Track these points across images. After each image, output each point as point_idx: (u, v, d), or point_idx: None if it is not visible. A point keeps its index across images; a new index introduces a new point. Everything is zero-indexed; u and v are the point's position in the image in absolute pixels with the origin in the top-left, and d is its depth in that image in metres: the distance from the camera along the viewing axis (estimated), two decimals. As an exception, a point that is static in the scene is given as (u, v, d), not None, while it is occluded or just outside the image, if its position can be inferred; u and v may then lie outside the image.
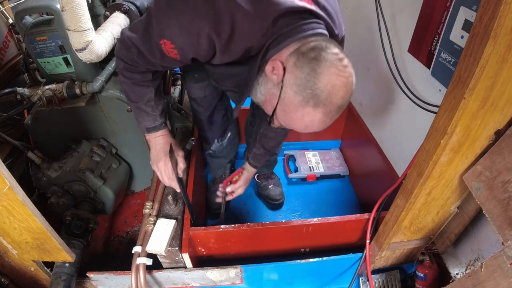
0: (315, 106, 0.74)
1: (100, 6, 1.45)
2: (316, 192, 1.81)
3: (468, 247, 1.04)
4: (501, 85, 0.66)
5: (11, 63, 1.73)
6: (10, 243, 1.01)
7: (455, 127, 0.73)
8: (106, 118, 1.45)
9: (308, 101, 0.74)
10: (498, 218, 0.75)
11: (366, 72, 1.60)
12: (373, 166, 1.60)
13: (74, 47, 1.15)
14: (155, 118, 1.07)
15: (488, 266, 0.77)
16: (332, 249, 1.28)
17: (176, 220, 1.15)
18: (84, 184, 1.37)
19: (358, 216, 1.21)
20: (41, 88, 1.31)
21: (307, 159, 1.91)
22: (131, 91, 1.01)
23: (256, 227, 1.18)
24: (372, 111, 1.61)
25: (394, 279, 1.26)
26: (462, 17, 0.90)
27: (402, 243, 1.11)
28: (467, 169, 0.83)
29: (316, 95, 0.73)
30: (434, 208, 0.97)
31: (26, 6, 1.21)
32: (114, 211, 1.60)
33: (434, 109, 1.05)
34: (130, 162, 1.64)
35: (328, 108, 0.74)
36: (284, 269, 1.19)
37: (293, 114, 0.78)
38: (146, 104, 1.03)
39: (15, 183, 0.84)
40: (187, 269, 1.15)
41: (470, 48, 0.64)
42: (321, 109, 0.74)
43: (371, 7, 1.32)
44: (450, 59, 0.96)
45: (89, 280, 1.14)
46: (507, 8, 0.56)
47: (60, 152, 1.44)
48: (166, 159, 1.10)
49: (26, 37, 1.24)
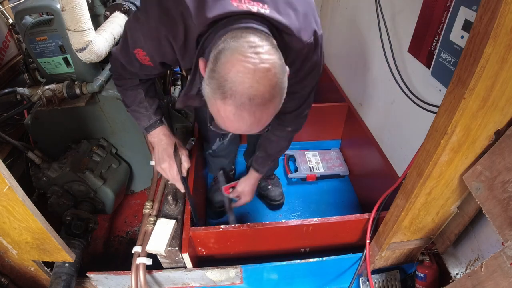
0: (223, 97, 0.67)
1: (100, 6, 1.45)
2: (316, 192, 1.81)
3: (468, 247, 1.04)
4: (501, 85, 0.66)
5: (11, 63, 1.73)
6: (10, 243, 1.01)
7: (455, 127, 0.72)
8: (106, 118, 1.45)
9: (215, 92, 0.68)
10: (498, 218, 0.75)
11: (366, 72, 1.60)
12: (373, 166, 1.60)
13: (74, 47, 1.16)
14: (149, 116, 1.10)
15: (488, 266, 0.77)
16: (332, 249, 1.28)
17: (176, 220, 1.15)
18: (84, 184, 1.37)
19: (358, 216, 1.21)
20: (41, 88, 1.31)
21: (307, 159, 1.91)
22: (124, 96, 1.09)
23: (256, 227, 1.18)
24: (372, 111, 1.61)
25: (394, 279, 1.26)
26: (462, 17, 0.90)
27: (402, 243, 1.11)
28: (467, 169, 0.83)
29: (221, 85, 0.67)
30: (434, 208, 0.97)
31: (26, 6, 1.21)
32: (114, 211, 1.60)
33: (434, 109, 1.05)
34: (130, 162, 1.64)
35: (238, 99, 0.66)
36: (284, 269, 1.19)
37: (212, 110, 0.73)
38: (139, 105, 1.08)
39: (15, 183, 0.84)
40: (187, 269, 1.15)
41: (470, 48, 0.64)
42: (229, 100, 0.67)
43: (371, 7, 1.32)
44: (450, 59, 0.96)
45: (89, 280, 1.14)
46: (507, 8, 0.56)
47: (60, 152, 1.44)
48: (171, 160, 1.10)
49: (26, 37, 1.24)
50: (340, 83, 2.00)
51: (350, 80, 1.87)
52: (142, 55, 0.89)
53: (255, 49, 0.67)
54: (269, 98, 0.68)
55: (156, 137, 1.12)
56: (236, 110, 0.68)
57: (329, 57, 2.20)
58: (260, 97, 0.67)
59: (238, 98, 0.66)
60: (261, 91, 0.67)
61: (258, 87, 0.66)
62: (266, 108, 0.69)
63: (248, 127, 0.72)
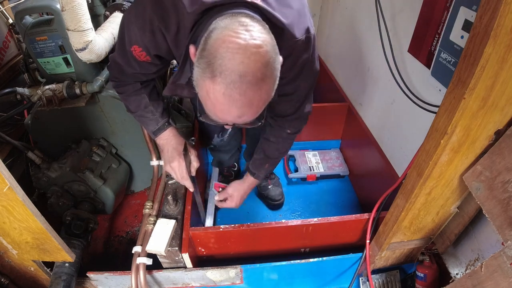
0: (212, 76, 0.64)
1: (100, 6, 1.45)
2: (316, 192, 1.81)
3: (468, 247, 1.04)
4: (501, 85, 0.66)
5: (11, 63, 1.73)
6: (10, 243, 1.01)
7: (455, 127, 0.72)
8: (106, 118, 1.45)
9: (204, 72, 0.65)
10: (498, 218, 0.75)
11: (366, 72, 1.60)
12: (373, 166, 1.60)
13: (74, 47, 1.16)
14: (157, 120, 1.10)
15: (488, 266, 0.77)
16: (332, 249, 1.28)
17: (176, 220, 1.15)
18: (84, 184, 1.37)
19: (358, 216, 1.21)
20: (41, 88, 1.31)
21: (307, 159, 1.91)
22: (128, 103, 1.08)
23: (256, 227, 1.18)
24: (372, 111, 1.61)
25: (394, 279, 1.26)
26: (462, 17, 0.90)
27: (402, 243, 1.11)
28: (467, 169, 0.83)
29: (210, 62, 0.64)
30: (434, 208, 0.96)
31: (26, 6, 1.21)
32: (114, 211, 1.60)
33: (434, 109, 1.05)
34: (130, 162, 1.64)
35: (228, 77, 0.63)
36: (284, 269, 1.19)
37: (201, 94, 0.70)
38: (145, 110, 1.08)
39: (15, 183, 0.84)
40: (187, 269, 1.15)
41: (470, 48, 0.64)
42: (219, 78, 0.64)
43: (371, 7, 1.32)
44: (450, 59, 0.96)
45: (89, 280, 1.14)
46: (507, 8, 0.56)
47: (60, 152, 1.44)
48: (180, 159, 1.10)
49: (26, 37, 1.24)
50: (340, 83, 2.00)
51: (350, 80, 1.87)
52: (139, 51, 0.89)
53: (246, 27, 0.65)
54: (261, 77, 0.65)
55: (165, 139, 1.12)
56: (226, 89, 0.64)
57: (329, 57, 2.20)
58: (251, 74, 0.63)
59: (228, 75, 0.63)
60: (252, 68, 0.63)
61: (249, 63, 0.63)
62: (258, 88, 0.66)
63: (239, 110, 0.68)
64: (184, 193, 1.27)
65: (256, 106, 0.69)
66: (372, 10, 1.30)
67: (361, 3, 1.64)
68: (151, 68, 0.98)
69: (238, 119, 0.71)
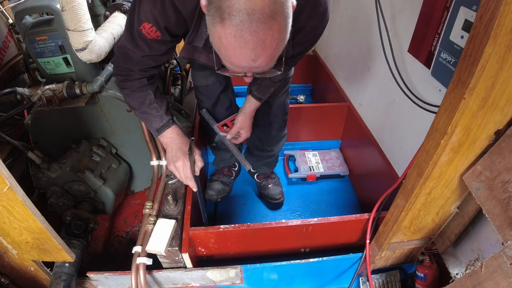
0: (221, 20, 0.65)
1: (100, 6, 1.46)
2: (316, 192, 1.81)
3: (468, 247, 1.04)
4: (501, 85, 0.66)
5: (11, 63, 1.73)
6: (10, 243, 1.01)
7: (455, 127, 0.72)
8: (106, 118, 1.45)
9: (214, 18, 0.66)
10: (498, 218, 0.75)
11: (366, 72, 1.60)
12: (373, 166, 1.60)
13: (74, 47, 1.16)
14: (161, 116, 1.09)
15: (488, 266, 0.77)
16: (332, 249, 1.28)
17: (176, 220, 1.15)
18: (84, 184, 1.37)
19: (358, 216, 1.21)
20: (41, 88, 1.31)
21: (307, 159, 1.91)
22: (131, 99, 1.07)
23: (256, 227, 1.18)
24: (372, 111, 1.61)
25: (394, 279, 1.26)
26: (462, 17, 0.90)
27: (402, 243, 1.11)
28: (467, 169, 0.83)
29: (218, 7, 0.65)
30: (434, 208, 0.96)
31: (26, 6, 1.21)
32: (114, 211, 1.60)
33: (434, 109, 1.05)
34: (130, 162, 1.64)
35: (237, 17, 0.63)
36: (284, 269, 1.19)
37: (214, 43, 0.71)
38: (149, 106, 1.07)
39: (15, 183, 0.84)
40: (187, 269, 1.15)
41: (470, 48, 0.64)
42: (228, 22, 0.64)
43: (371, 7, 1.32)
44: (450, 59, 0.96)
45: (89, 280, 1.14)
46: (507, 8, 0.56)
47: (60, 152, 1.44)
48: (185, 158, 1.10)
49: (26, 37, 1.24)
50: (340, 83, 2.00)
51: (350, 80, 1.87)
52: (148, 27, 0.89)
53: None
54: (270, 14, 0.64)
55: (168, 137, 1.11)
56: (236, 31, 0.64)
57: (329, 57, 2.20)
58: (259, 11, 0.63)
59: (237, 16, 0.63)
60: (260, 4, 0.63)
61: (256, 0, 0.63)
62: (268, 26, 0.65)
63: (253, 52, 0.67)
64: (184, 193, 1.27)
65: (269, 47, 0.69)
66: (372, 10, 1.30)
67: (361, 3, 1.64)
68: (160, 48, 0.96)
69: (254, 63, 0.71)
